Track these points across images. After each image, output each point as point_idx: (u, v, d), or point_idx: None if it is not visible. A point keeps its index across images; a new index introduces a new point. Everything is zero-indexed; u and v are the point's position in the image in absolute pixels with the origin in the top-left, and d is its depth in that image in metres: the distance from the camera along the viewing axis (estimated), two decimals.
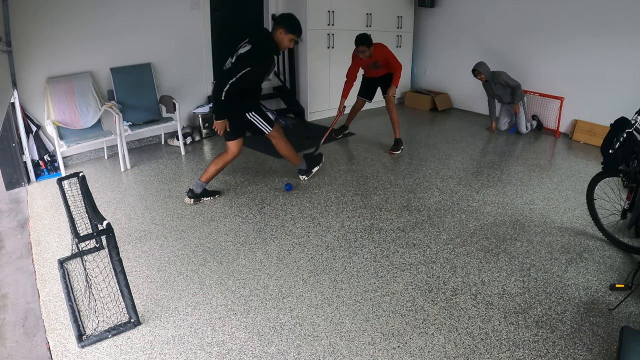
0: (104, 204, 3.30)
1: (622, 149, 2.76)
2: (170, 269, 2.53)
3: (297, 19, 3.11)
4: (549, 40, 5.48)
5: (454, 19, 6.67)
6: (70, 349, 1.93)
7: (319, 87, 5.85)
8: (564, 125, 5.54)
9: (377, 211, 3.31)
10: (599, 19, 4.98)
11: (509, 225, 3.15)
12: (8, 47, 3.48)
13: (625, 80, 4.88)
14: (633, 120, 2.75)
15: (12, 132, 3.53)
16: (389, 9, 6.44)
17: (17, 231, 2.98)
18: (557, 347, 1.99)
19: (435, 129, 5.77)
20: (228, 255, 2.70)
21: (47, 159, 3.89)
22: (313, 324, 2.12)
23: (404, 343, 2.01)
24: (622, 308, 2.24)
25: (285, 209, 3.30)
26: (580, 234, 3.05)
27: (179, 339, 2.01)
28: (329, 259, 2.68)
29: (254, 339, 2.01)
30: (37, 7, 3.69)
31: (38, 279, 2.43)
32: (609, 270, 2.62)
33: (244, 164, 4.23)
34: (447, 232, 3.03)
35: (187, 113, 5.02)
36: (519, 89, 5.27)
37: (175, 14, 4.64)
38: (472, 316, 2.19)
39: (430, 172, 4.14)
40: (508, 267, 2.62)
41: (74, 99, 3.91)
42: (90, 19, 3.96)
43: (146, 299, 2.27)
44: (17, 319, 2.14)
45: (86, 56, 4.02)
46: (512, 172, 4.20)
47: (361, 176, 3.99)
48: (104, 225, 1.93)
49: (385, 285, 2.43)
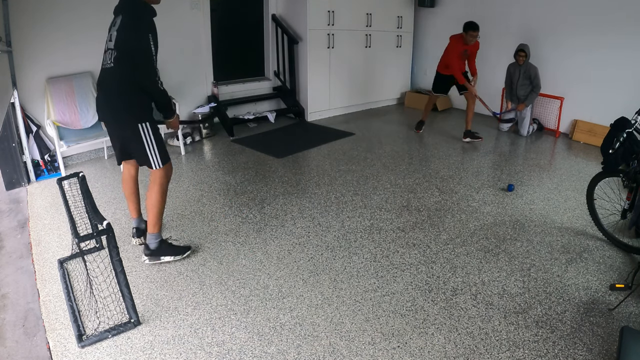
0: (104, 204, 3.30)
1: (622, 149, 2.76)
2: (170, 269, 2.53)
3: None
4: (548, 40, 5.48)
5: (454, 19, 6.63)
6: (70, 349, 1.93)
7: (319, 87, 5.85)
8: (564, 126, 5.54)
9: (377, 211, 3.31)
10: (598, 19, 4.98)
11: (509, 225, 3.15)
12: (8, 47, 3.48)
13: (625, 80, 4.87)
14: (633, 120, 2.75)
15: (12, 132, 3.53)
16: (389, 9, 6.44)
17: (17, 231, 2.98)
18: (557, 347, 1.99)
19: (435, 129, 5.77)
20: (228, 255, 2.70)
21: (47, 159, 3.89)
22: (313, 324, 2.12)
23: (404, 343, 2.01)
24: (622, 308, 2.24)
25: (285, 209, 3.30)
26: (580, 234, 3.05)
27: (179, 339, 2.01)
28: (329, 259, 2.68)
29: (254, 339, 2.01)
30: (37, 7, 3.69)
31: (38, 279, 2.43)
32: (609, 270, 2.62)
33: (244, 164, 4.23)
34: (447, 232, 3.03)
35: (187, 113, 5.02)
36: (537, 91, 5.25)
37: (175, 14, 4.63)
38: (472, 316, 2.19)
39: (430, 172, 4.14)
40: (508, 267, 2.62)
41: (74, 99, 3.91)
42: (90, 18, 3.95)
43: (146, 299, 2.27)
44: (17, 319, 2.14)
45: (86, 56, 4.01)
46: (512, 172, 4.20)
47: (361, 176, 3.99)
48: (104, 225, 1.93)
49: (385, 285, 2.43)
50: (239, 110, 5.58)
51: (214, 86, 5.25)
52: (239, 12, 5.65)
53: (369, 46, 6.30)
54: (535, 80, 5.20)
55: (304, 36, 5.55)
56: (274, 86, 6.06)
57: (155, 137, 2.41)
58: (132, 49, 2.23)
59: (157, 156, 2.43)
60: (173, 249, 2.60)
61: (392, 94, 7.04)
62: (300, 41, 5.58)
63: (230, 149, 4.69)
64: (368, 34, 6.22)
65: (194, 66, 5.05)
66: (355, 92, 6.39)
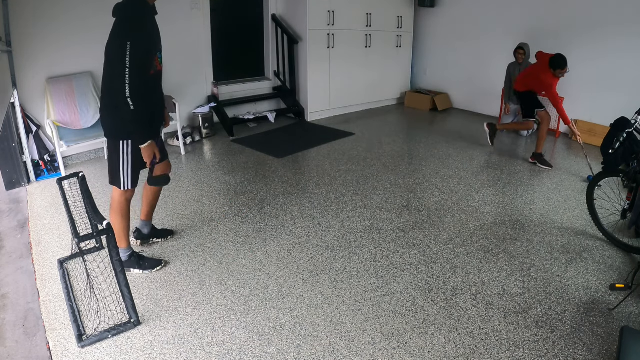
0: (104, 204, 3.29)
1: (622, 149, 2.76)
2: (170, 269, 2.53)
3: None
4: (548, 40, 5.47)
5: (454, 19, 6.67)
6: (70, 349, 1.93)
7: (319, 87, 5.85)
8: (564, 126, 5.53)
9: (377, 211, 3.31)
10: (598, 19, 4.98)
11: (509, 225, 3.15)
12: (8, 47, 3.48)
13: (625, 80, 4.87)
14: (633, 120, 2.75)
15: (12, 132, 3.53)
16: (389, 9, 6.44)
17: (17, 231, 2.98)
18: (557, 347, 1.99)
19: (435, 129, 5.77)
20: (228, 255, 2.70)
21: (47, 159, 3.89)
22: (313, 324, 2.12)
23: (404, 343, 2.01)
24: (622, 308, 2.24)
25: (285, 209, 3.30)
26: (580, 234, 3.05)
27: (179, 339, 2.01)
28: (329, 259, 2.68)
29: (254, 339, 2.01)
30: (37, 7, 3.69)
31: (38, 279, 2.43)
32: (609, 270, 2.62)
33: (244, 164, 4.23)
34: (447, 232, 3.03)
35: (187, 113, 5.03)
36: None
37: (175, 14, 4.64)
38: (472, 316, 2.19)
39: (430, 172, 4.14)
40: (508, 267, 2.62)
41: (74, 99, 3.91)
42: (90, 18, 3.95)
43: (146, 299, 2.27)
44: (17, 319, 2.14)
45: (86, 56, 4.01)
46: (512, 172, 4.20)
47: (361, 176, 3.99)
48: (104, 225, 1.93)
49: (385, 285, 2.43)
50: (239, 110, 5.58)
51: (214, 86, 5.25)
52: (239, 12, 5.64)
53: (369, 46, 6.30)
54: None
55: (304, 36, 5.55)
56: (274, 86, 6.06)
57: (133, 157, 2.26)
58: (108, 57, 2.10)
59: (126, 176, 2.30)
60: (142, 263, 2.48)
61: (392, 94, 7.04)
62: (300, 41, 5.58)
63: (230, 149, 4.69)
64: (368, 34, 6.22)
65: (194, 66, 5.05)
66: (355, 92, 6.39)
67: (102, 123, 2.30)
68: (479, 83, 6.49)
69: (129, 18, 2.07)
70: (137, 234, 2.74)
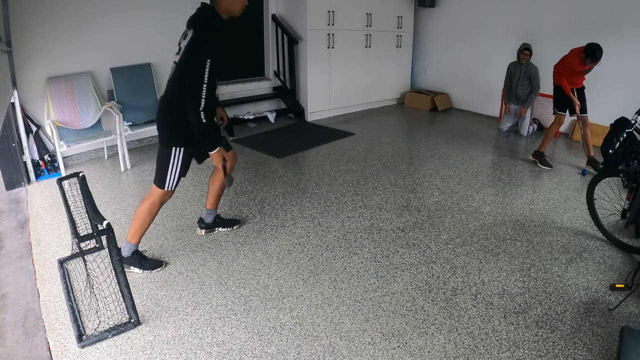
0: (104, 204, 3.30)
1: (622, 149, 2.76)
2: (170, 269, 2.53)
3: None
4: (548, 41, 5.47)
5: (454, 19, 6.67)
6: (70, 349, 1.93)
7: (319, 87, 5.85)
8: (564, 125, 5.51)
9: (377, 211, 3.31)
10: (598, 19, 4.98)
11: (509, 225, 3.15)
12: (8, 47, 3.48)
13: (625, 80, 4.87)
14: (633, 120, 2.75)
15: (12, 132, 3.53)
16: (389, 9, 6.44)
17: (17, 231, 2.98)
18: (557, 347, 1.99)
19: (435, 129, 5.77)
20: (228, 255, 2.70)
21: (47, 159, 3.89)
22: (313, 324, 2.12)
23: (404, 343, 2.01)
24: (622, 308, 2.24)
25: (285, 209, 3.30)
26: (580, 234, 3.05)
27: (179, 339, 2.01)
28: (329, 259, 2.68)
29: (254, 339, 2.01)
30: (37, 7, 3.69)
31: (38, 279, 2.43)
32: (609, 270, 2.62)
33: (244, 164, 4.23)
34: (447, 232, 3.03)
35: None
36: (536, 92, 5.25)
37: (175, 14, 4.62)
38: (472, 316, 2.19)
39: (430, 172, 4.14)
40: (508, 267, 2.62)
41: (74, 99, 3.91)
42: (90, 18, 3.95)
43: (146, 299, 2.27)
44: (17, 319, 2.14)
45: (86, 56, 4.01)
46: (512, 172, 4.20)
47: (361, 176, 3.99)
48: (104, 225, 1.93)
49: (385, 285, 2.43)
50: (239, 110, 5.58)
51: None
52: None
53: (369, 46, 6.30)
54: (535, 81, 5.20)
55: (304, 36, 5.55)
56: (274, 86, 6.06)
57: (182, 163, 2.40)
58: (185, 72, 2.21)
59: (173, 179, 2.43)
60: (143, 263, 2.50)
61: (392, 94, 7.04)
62: (300, 41, 5.58)
63: None
64: (368, 34, 6.22)
65: None
66: (355, 92, 6.39)
67: (160, 131, 2.43)
68: (479, 83, 6.49)
69: (211, 38, 2.19)
70: (202, 224, 2.89)
